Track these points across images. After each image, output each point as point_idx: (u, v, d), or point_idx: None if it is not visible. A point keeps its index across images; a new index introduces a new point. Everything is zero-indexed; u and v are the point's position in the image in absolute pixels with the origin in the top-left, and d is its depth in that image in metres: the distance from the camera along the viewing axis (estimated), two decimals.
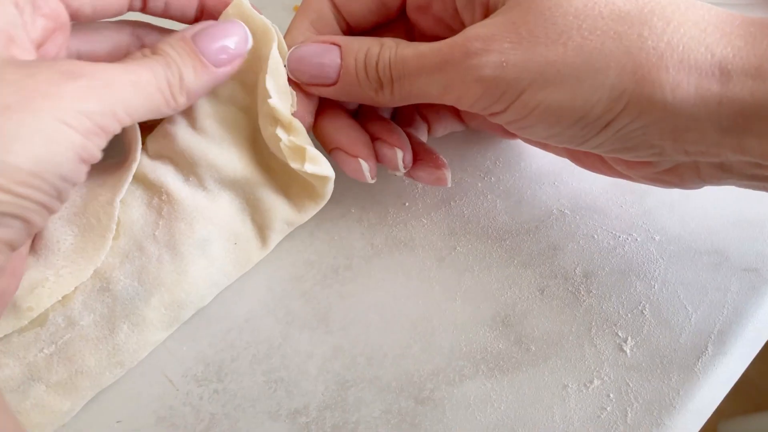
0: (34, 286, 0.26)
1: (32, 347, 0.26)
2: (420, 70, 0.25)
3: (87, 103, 0.22)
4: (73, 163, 0.22)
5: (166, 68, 0.24)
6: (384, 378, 0.28)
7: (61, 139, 0.21)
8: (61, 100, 0.21)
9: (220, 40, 0.26)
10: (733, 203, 0.31)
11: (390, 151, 0.29)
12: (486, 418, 0.28)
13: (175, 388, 0.28)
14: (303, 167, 0.27)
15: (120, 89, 0.23)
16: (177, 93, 0.25)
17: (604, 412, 0.28)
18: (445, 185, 0.30)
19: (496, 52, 0.23)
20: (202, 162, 0.28)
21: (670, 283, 0.30)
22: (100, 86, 0.22)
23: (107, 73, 0.23)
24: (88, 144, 0.22)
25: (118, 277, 0.28)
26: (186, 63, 0.25)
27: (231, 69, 0.26)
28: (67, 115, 0.21)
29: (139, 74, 0.24)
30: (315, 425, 0.28)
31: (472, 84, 0.24)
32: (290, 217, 0.30)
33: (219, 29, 0.26)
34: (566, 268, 0.30)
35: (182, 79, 0.25)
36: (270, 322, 0.30)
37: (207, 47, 0.25)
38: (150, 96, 0.24)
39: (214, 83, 0.26)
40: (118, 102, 0.23)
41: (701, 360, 0.28)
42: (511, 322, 0.29)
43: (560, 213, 0.31)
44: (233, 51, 0.26)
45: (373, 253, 0.31)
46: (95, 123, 0.22)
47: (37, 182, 0.21)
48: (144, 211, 0.28)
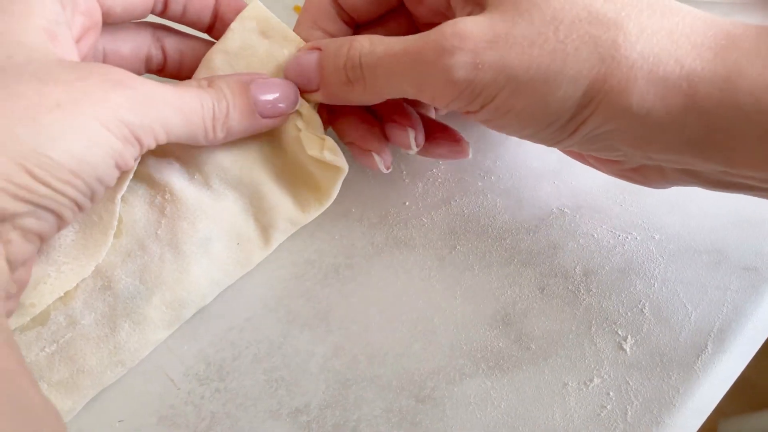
0: (36, 282, 0.26)
1: (34, 346, 0.26)
2: (392, 69, 0.25)
3: (128, 114, 0.23)
4: (109, 167, 0.23)
5: (216, 103, 0.26)
6: (384, 377, 0.29)
7: (102, 143, 0.22)
8: (107, 107, 0.22)
9: (274, 94, 0.27)
10: (733, 202, 0.32)
11: (402, 132, 0.29)
12: (486, 416, 0.28)
13: (177, 387, 0.28)
14: (322, 154, 0.28)
15: (163, 108, 0.24)
16: (218, 128, 0.26)
17: (604, 411, 0.28)
18: (466, 157, 0.30)
19: (471, 52, 0.23)
20: (210, 161, 0.29)
21: (669, 281, 0.30)
22: (145, 102, 0.23)
23: (155, 91, 0.24)
24: (125, 152, 0.23)
25: (120, 276, 0.28)
26: (236, 104, 0.26)
27: (273, 123, 0.28)
28: (109, 120, 0.22)
29: (187, 101, 0.25)
30: (316, 424, 0.28)
31: (446, 85, 0.23)
32: (294, 217, 0.30)
33: (276, 85, 0.28)
34: (566, 267, 0.30)
35: (227, 117, 0.26)
36: (271, 321, 0.30)
37: (259, 96, 0.27)
38: (191, 123, 0.25)
39: (254, 130, 0.28)
40: (158, 120, 0.24)
41: (701, 358, 0.28)
42: (512, 320, 0.29)
43: (560, 212, 0.32)
44: (281, 108, 0.28)
45: (373, 252, 0.31)
46: (132, 133, 0.23)
47: (76, 181, 0.22)
48: (146, 209, 0.28)
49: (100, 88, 0.22)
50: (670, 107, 0.21)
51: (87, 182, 0.22)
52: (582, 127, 0.23)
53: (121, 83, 0.23)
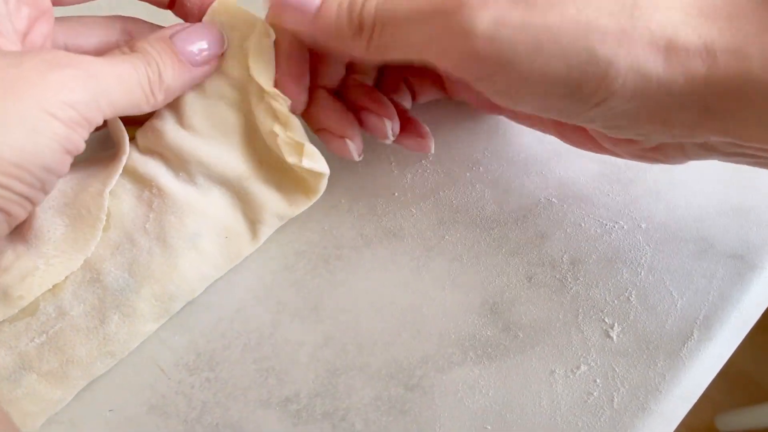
0: (24, 274, 0.26)
1: (23, 336, 0.27)
2: (408, 17, 0.23)
3: (72, 93, 0.22)
4: (57, 154, 0.22)
5: (147, 65, 0.25)
6: (374, 365, 0.29)
7: (45, 130, 0.21)
8: (46, 90, 0.21)
9: (196, 41, 0.26)
10: (719, 191, 0.32)
11: (378, 121, 0.29)
12: (474, 404, 0.28)
13: (167, 377, 0.29)
14: (300, 163, 0.28)
15: (104, 80, 0.23)
16: (156, 90, 0.25)
17: (590, 397, 0.28)
18: (429, 151, 0.30)
19: (493, 9, 0.22)
20: (192, 159, 0.28)
21: (656, 270, 0.30)
22: (84, 76, 0.22)
23: (92, 65, 0.23)
24: (72, 135, 0.22)
25: (109, 269, 0.28)
26: (165, 61, 0.25)
27: (209, 68, 0.27)
28: (51, 105, 0.21)
29: (122, 69, 0.24)
30: (306, 412, 0.28)
31: (461, 39, 0.22)
32: (282, 211, 0.30)
33: (196, 30, 0.27)
34: (553, 256, 0.31)
35: (161, 77, 0.25)
36: (261, 312, 0.30)
37: (184, 47, 0.26)
38: (131, 91, 0.24)
39: (192, 82, 0.27)
40: (101, 93, 0.23)
41: (687, 345, 0.29)
42: (500, 309, 0.30)
43: (548, 202, 0.32)
44: (209, 52, 0.27)
45: (363, 243, 0.31)
46: (79, 113, 0.22)
47: (20, 173, 0.21)
48: (134, 203, 0.28)
49: (36, 72, 0.21)
50: (692, 77, 0.21)
51: (34, 174, 0.21)
52: (608, 100, 0.22)
53: (57, 62, 0.22)
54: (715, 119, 0.22)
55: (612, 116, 0.23)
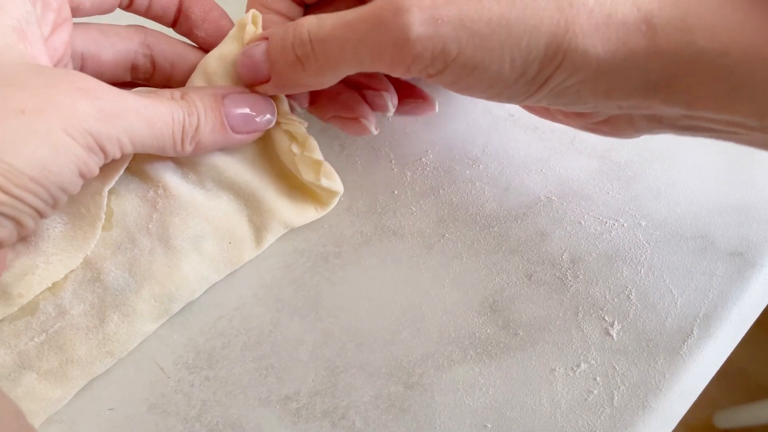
0: (24, 272, 0.26)
1: (23, 336, 0.26)
2: (344, 38, 0.24)
3: (95, 125, 0.22)
4: (73, 176, 0.23)
5: (187, 116, 0.25)
6: (374, 363, 0.29)
7: (66, 151, 0.22)
8: (73, 116, 0.22)
9: (247, 108, 0.27)
10: (719, 189, 0.32)
11: (377, 96, 0.29)
12: (474, 402, 0.28)
13: (167, 376, 0.29)
14: (318, 181, 0.29)
15: (133, 121, 0.23)
16: (187, 141, 0.26)
17: (590, 395, 0.28)
18: (434, 111, 0.31)
19: (429, 8, 0.22)
20: (204, 162, 0.29)
21: (656, 267, 0.30)
22: (113, 112, 0.23)
23: (125, 102, 0.23)
24: (89, 160, 0.23)
25: (109, 268, 0.28)
26: (208, 119, 0.26)
27: (247, 139, 0.28)
28: (74, 129, 0.22)
29: (158, 113, 0.24)
30: (306, 410, 0.28)
31: (405, 45, 0.22)
32: (290, 220, 0.30)
33: (251, 100, 0.27)
34: (553, 254, 0.31)
35: (198, 131, 0.26)
36: (260, 310, 0.30)
37: (233, 110, 0.26)
38: (161, 136, 0.25)
39: (226, 145, 0.27)
40: (126, 132, 0.23)
41: (687, 343, 0.29)
42: (499, 307, 0.30)
43: (548, 200, 0.32)
44: (255, 125, 0.27)
45: (362, 240, 0.31)
46: (98, 144, 0.23)
47: (37, 188, 0.21)
48: (138, 203, 0.28)
49: (67, 96, 0.22)
50: (632, 51, 0.21)
51: (49, 190, 0.22)
52: (550, 80, 0.23)
53: (90, 92, 0.22)
54: (659, 90, 0.22)
55: (556, 94, 0.23)
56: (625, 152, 0.33)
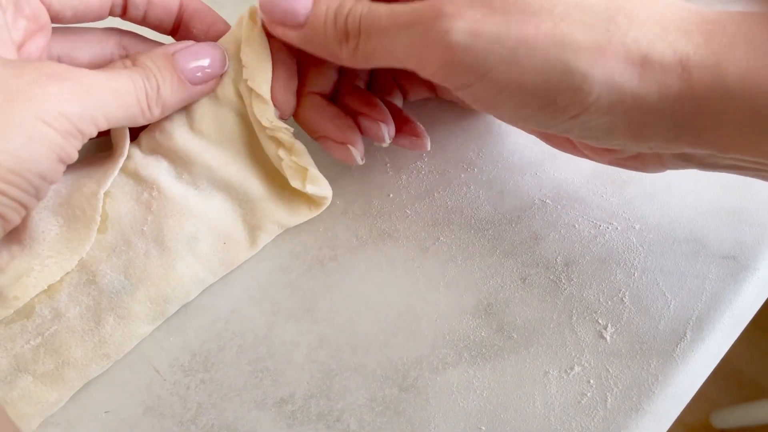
0: (19, 275, 0.26)
1: (19, 339, 0.27)
2: (390, 27, 0.24)
3: (68, 106, 0.22)
4: (51, 162, 0.23)
5: (146, 80, 0.25)
6: (369, 366, 0.29)
7: (41, 139, 0.22)
8: (44, 101, 0.22)
9: (198, 59, 0.27)
10: (712, 193, 0.32)
11: (375, 126, 0.29)
12: (469, 404, 0.28)
13: (163, 378, 0.29)
14: (304, 188, 0.29)
15: (100, 95, 0.24)
16: (153, 104, 0.26)
17: (584, 398, 0.28)
18: (425, 150, 0.31)
19: (469, 20, 0.22)
20: (198, 161, 0.29)
21: (649, 270, 0.30)
22: (82, 90, 0.23)
23: (90, 79, 0.24)
24: (66, 145, 0.23)
25: (105, 271, 0.28)
26: (165, 77, 0.26)
27: (207, 87, 0.28)
28: (48, 115, 0.22)
29: (120, 83, 0.25)
30: (301, 413, 0.28)
31: (438, 48, 0.22)
32: (283, 220, 0.30)
33: (198, 49, 0.27)
34: (548, 257, 0.31)
35: (159, 92, 0.26)
36: (256, 313, 0.30)
37: (185, 65, 0.27)
38: (128, 105, 0.25)
39: (190, 99, 0.28)
40: (98, 107, 0.23)
41: (680, 346, 0.29)
42: (494, 310, 0.30)
43: (542, 203, 0.32)
44: (209, 71, 0.27)
45: (358, 244, 0.31)
46: (74, 125, 0.23)
47: (17, 180, 0.22)
48: (132, 205, 0.29)
49: (35, 83, 0.22)
50: (667, 92, 0.21)
51: (29, 180, 0.22)
52: (581, 115, 0.23)
53: (56, 75, 0.23)
54: (690, 132, 0.22)
55: (587, 128, 0.23)
56: None
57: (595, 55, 0.21)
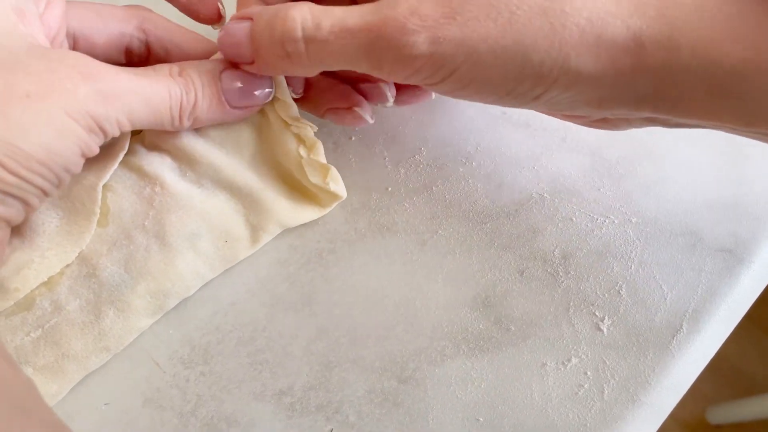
0: (20, 267, 0.26)
1: (19, 331, 0.27)
2: (344, 47, 0.24)
3: (96, 107, 0.23)
4: (75, 156, 0.24)
5: (185, 93, 0.26)
6: (367, 358, 0.29)
7: (69, 133, 0.23)
8: (75, 99, 0.23)
9: (245, 84, 0.27)
10: (709, 186, 0.32)
11: (375, 87, 0.30)
12: (466, 396, 0.28)
13: (162, 371, 0.29)
14: (325, 185, 0.30)
15: (131, 100, 0.24)
16: (185, 117, 0.26)
17: (581, 389, 0.28)
18: (430, 98, 0.32)
19: (432, 28, 0.22)
20: (204, 161, 0.29)
21: (646, 263, 0.30)
22: (112, 94, 0.24)
23: (123, 83, 0.24)
24: (90, 141, 0.24)
25: (105, 264, 0.28)
26: (205, 94, 0.26)
27: (243, 113, 0.28)
28: (76, 112, 0.23)
29: (156, 90, 0.25)
30: (300, 405, 0.28)
31: (407, 60, 0.23)
32: (287, 220, 0.31)
33: (249, 75, 0.27)
34: (545, 250, 0.31)
35: (195, 107, 0.26)
36: (255, 306, 0.30)
37: (231, 87, 0.27)
38: (158, 112, 0.25)
39: (223, 120, 0.28)
40: (124, 111, 0.24)
41: (676, 338, 0.29)
42: (492, 303, 0.30)
43: (539, 197, 0.32)
44: (253, 99, 0.27)
45: (356, 237, 0.32)
46: (98, 124, 0.24)
47: (43, 170, 0.23)
48: (134, 200, 0.29)
49: (69, 80, 0.23)
50: (621, 69, 0.22)
51: (54, 171, 0.23)
52: (543, 95, 0.24)
53: (90, 75, 0.23)
54: (648, 103, 0.23)
55: (551, 104, 0.24)
56: (616, 150, 0.33)
57: (552, 42, 0.22)
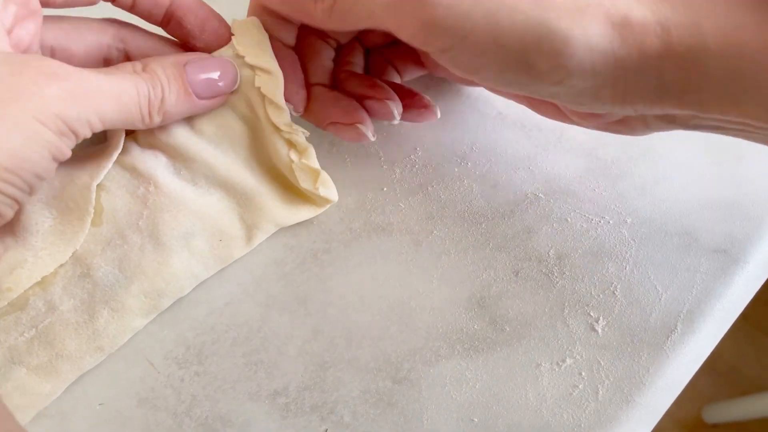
0: (13, 267, 0.26)
1: (13, 331, 0.27)
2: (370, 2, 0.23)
3: (64, 108, 0.23)
4: (46, 161, 0.23)
5: (151, 88, 0.25)
6: (362, 359, 0.29)
7: (38, 138, 0.22)
8: (42, 102, 0.22)
9: (210, 74, 0.27)
10: (704, 186, 0.32)
11: (382, 105, 0.30)
12: (461, 396, 0.28)
13: (157, 371, 0.29)
14: (315, 190, 0.29)
15: (99, 99, 0.24)
16: (154, 112, 0.26)
17: (576, 390, 0.28)
18: (435, 119, 0.31)
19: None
20: (198, 159, 0.29)
21: (641, 264, 0.31)
22: (80, 93, 0.23)
23: (90, 81, 0.24)
24: (61, 144, 0.23)
25: (99, 264, 0.28)
26: (172, 88, 0.26)
27: (212, 104, 0.28)
28: (44, 115, 0.22)
29: (123, 88, 0.25)
30: (294, 405, 0.28)
31: (417, 11, 0.22)
32: (282, 219, 0.31)
33: (212, 64, 0.27)
34: (540, 251, 0.31)
35: (163, 101, 0.26)
36: (250, 306, 0.30)
37: (196, 78, 0.26)
38: (128, 110, 0.25)
39: (193, 112, 0.28)
40: (94, 110, 0.24)
41: (670, 339, 0.29)
42: (487, 303, 0.30)
43: (535, 197, 0.32)
44: (219, 88, 0.27)
45: (351, 237, 0.32)
46: (69, 126, 0.23)
47: (13, 178, 0.22)
48: (128, 199, 0.29)
49: (34, 83, 0.22)
50: (647, 53, 0.22)
51: (24, 178, 0.22)
52: (567, 78, 0.22)
53: (56, 76, 0.23)
54: (672, 93, 0.23)
55: (573, 93, 0.23)
56: (611, 150, 0.33)
57: (575, 17, 0.21)
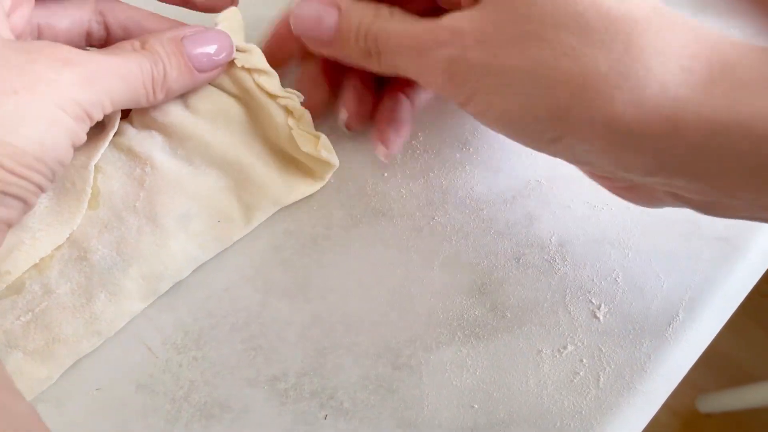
0: (10, 249, 0.26)
1: (9, 315, 0.26)
2: (398, 50, 0.26)
3: (80, 92, 0.23)
4: (67, 148, 0.23)
5: (153, 65, 0.26)
6: (362, 345, 0.29)
7: (60, 125, 0.23)
8: (60, 89, 0.22)
9: (206, 47, 0.27)
10: None
11: None
12: (462, 382, 0.28)
13: (155, 356, 0.29)
14: (317, 153, 0.29)
15: (109, 80, 0.24)
16: (158, 89, 0.26)
17: (577, 377, 0.28)
18: None
19: (459, 47, 0.23)
20: (194, 136, 0.29)
21: (643, 251, 0.30)
22: (92, 76, 0.23)
23: (99, 64, 0.24)
24: (79, 129, 0.23)
25: (96, 247, 0.28)
26: (172, 63, 0.26)
27: (210, 76, 0.28)
28: (64, 102, 0.22)
29: (128, 67, 0.25)
30: (293, 391, 0.28)
31: (437, 73, 0.24)
32: (280, 197, 0.30)
33: (208, 37, 0.27)
34: (542, 237, 0.31)
35: (166, 77, 0.26)
36: (249, 291, 0.30)
37: (193, 51, 0.27)
38: (134, 89, 0.25)
39: (193, 86, 0.28)
40: (106, 92, 0.24)
41: (672, 326, 0.29)
42: (488, 289, 0.30)
43: (537, 183, 0.32)
44: (216, 60, 0.28)
45: (352, 223, 0.31)
46: (84, 110, 0.23)
47: (40, 166, 0.22)
48: (125, 181, 0.28)
49: (51, 70, 0.22)
50: (651, 131, 0.21)
51: (49, 165, 0.23)
52: (562, 140, 0.23)
53: (70, 61, 0.23)
54: (681, 173, 0.22)
55: (573, 154, 0.24)
56: None
57: (576, 88, 0.21)
